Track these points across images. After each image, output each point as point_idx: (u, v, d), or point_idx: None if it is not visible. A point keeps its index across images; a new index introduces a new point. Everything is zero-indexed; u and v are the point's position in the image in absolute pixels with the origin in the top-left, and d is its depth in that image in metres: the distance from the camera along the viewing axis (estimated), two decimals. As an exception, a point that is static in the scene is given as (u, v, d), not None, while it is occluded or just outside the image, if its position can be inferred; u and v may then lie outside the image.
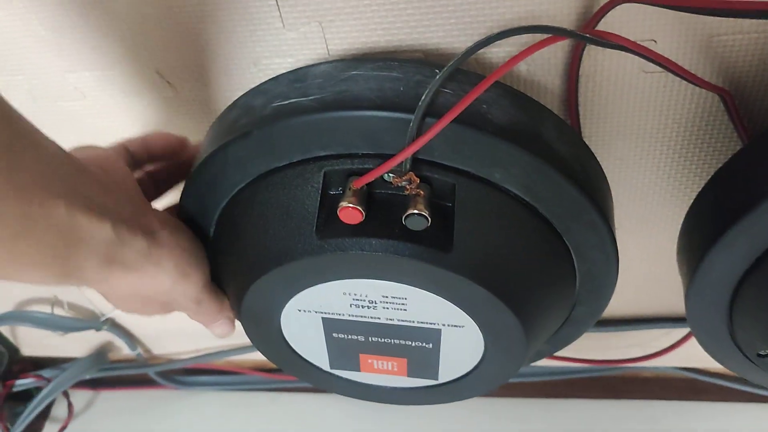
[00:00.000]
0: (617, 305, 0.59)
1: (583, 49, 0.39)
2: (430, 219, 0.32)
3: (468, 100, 0.30)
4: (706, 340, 0.42)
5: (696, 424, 0.63)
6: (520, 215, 0.34)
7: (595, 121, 0.43)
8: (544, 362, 0.64)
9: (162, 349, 0.71)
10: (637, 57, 0.38)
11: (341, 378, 0.43)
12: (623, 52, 0.38)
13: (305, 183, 0.34)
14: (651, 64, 0.39)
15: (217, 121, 0.38)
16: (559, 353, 0.62)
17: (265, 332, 0.40)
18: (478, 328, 0.36)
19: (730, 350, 0.42)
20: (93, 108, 0.45)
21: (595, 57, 0.39)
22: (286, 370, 0.43)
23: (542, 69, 0.40)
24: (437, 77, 0.31)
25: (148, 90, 0.44)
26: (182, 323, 0.64)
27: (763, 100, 0.39)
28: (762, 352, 0.41)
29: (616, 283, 0.39)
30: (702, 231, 0.38)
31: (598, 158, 0.44)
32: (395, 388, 0.43)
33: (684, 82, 0.40)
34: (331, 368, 0.42)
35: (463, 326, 0.37)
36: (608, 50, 0.39)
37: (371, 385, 0.43)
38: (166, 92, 0.43)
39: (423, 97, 0.31)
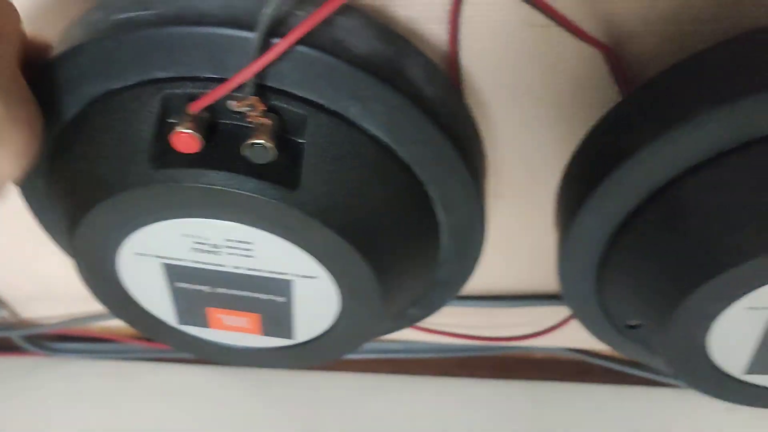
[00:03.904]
0: (505, 280, 0.57)
1: (463, -8, 0.36)
2: (275, 151, 0.29)
3: (316, 19, 0.28)
4: (578, 309, 0.41)
5: (584, 406, 0.62)
6: (377, 156, 0.32)
7: (480, 77, 0.40)
8: (434, 339, 0.62)
9: (31, 313, 0.65)
10: (519, 7, 0.37)
11: (190, 336, 0.39)
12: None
13: (142, 107, 0.31)
14: (536, 17, 0.37)
15: (58, 43, 0.34)
16: (448, 329, 0.60)
17: (102, 279, 0.36)
18: (331, 279, 0.34)
19: (600, 320, 0.41)
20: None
21: (477, 4, 0.37)
22: (133, 325, 0.40)
23: (421, 14, 0.37)
24: (282, -12, 0.28)
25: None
26: (54, 284, 0.60)
27: (644, 58, 0.38)
28: (631, 323, 0.40)
29: (484, 241, 0.37)
30: (573, 190, 0.37)
31: (482, 118, 0.42)
32: (249, 349, 0.40)
33: (569, 38, 0.38)
34: (179, 324, 0.39)
35: (315, 277, 0.34)
36: (490, -4, 0.37)
37: (223, 344, 0.40)
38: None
39: (263, 12, 0.28)
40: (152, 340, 0.41)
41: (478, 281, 0.57)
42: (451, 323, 0.62)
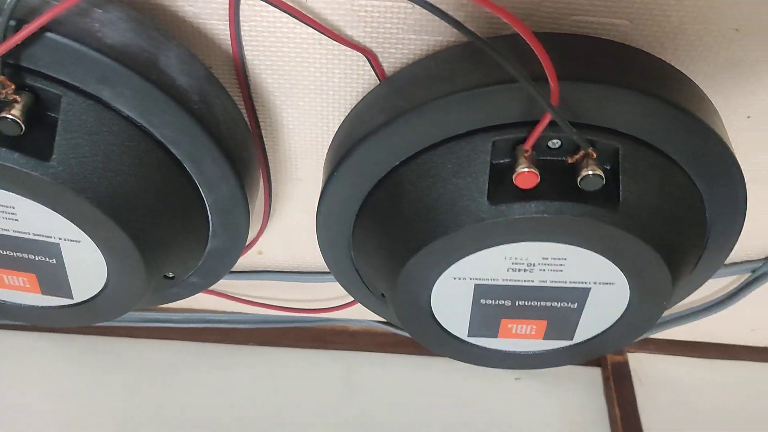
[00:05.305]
0: (321, 257, 0.63)
1: (238, -7, 0.40)
2: (23, 125, 0.33)
3: (58, 10, 0.31)
4: (341, 279, 0.46)
5: (392, 375, 0.68)
6: (132, 135, 0.36)
7: (266, 74, 0.45)
8: (258, 311, 0.67)
9: None
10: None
11: None
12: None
13: None
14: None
15: None
16: (270, 302, 0.65)
17: None
18: (93, 243, 0.38)
19: (361, 289, 0.46)
20: None
21: (253, 6, 0.41)
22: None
23: (205, 11, 0.41)
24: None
25: None
26: None
27: (403, 61, 0.43)
28: (384, 293, 0.45)
29: (248, 218, 0.42)
30: (326, 174, 0.42)
31: (277, 110, 0.46)
32: (34, 307, 0.43)
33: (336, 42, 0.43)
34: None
35: (79, 241, 0.38)
36: (262, -1, 0.41)
37: (9, 302, 0.43)
38: None
39: (8, 1, 0.31)
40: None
41: (296, 258, 0.62)
42: (274, 297, 0.67)
